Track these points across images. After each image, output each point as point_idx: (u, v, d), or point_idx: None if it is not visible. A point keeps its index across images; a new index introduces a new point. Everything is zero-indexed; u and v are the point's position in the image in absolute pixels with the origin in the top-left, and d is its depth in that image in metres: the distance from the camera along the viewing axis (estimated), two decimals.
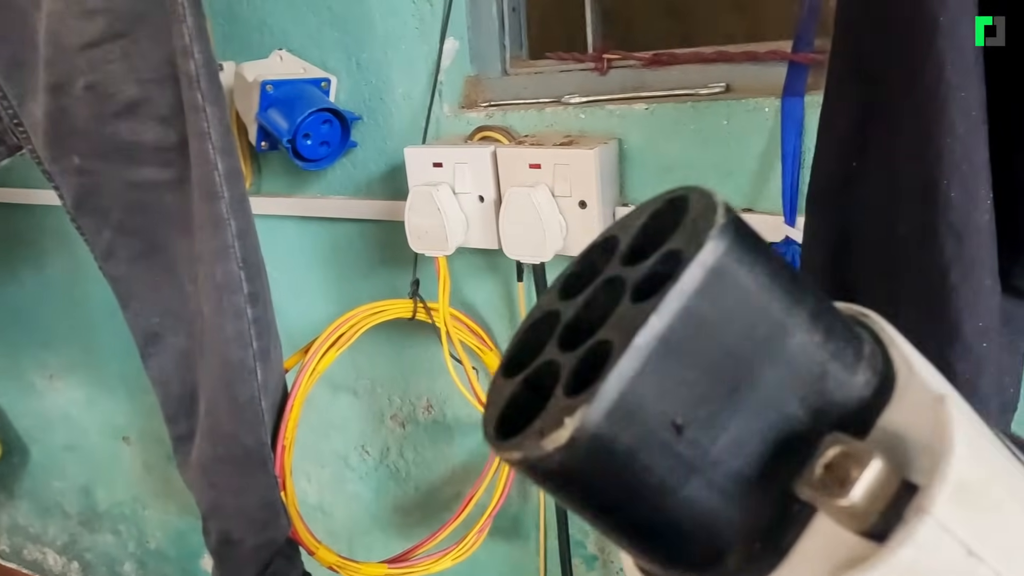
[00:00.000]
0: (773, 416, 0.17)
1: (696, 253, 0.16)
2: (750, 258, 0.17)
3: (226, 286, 0.86)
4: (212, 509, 0.97)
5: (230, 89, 1.09)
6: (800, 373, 0.17)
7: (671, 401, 0.16)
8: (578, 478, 0.17)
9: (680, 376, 0.16)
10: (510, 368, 0.20)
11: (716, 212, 0.17)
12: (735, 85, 0.88)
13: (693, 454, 0.16)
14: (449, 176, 0.96)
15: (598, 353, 0.17)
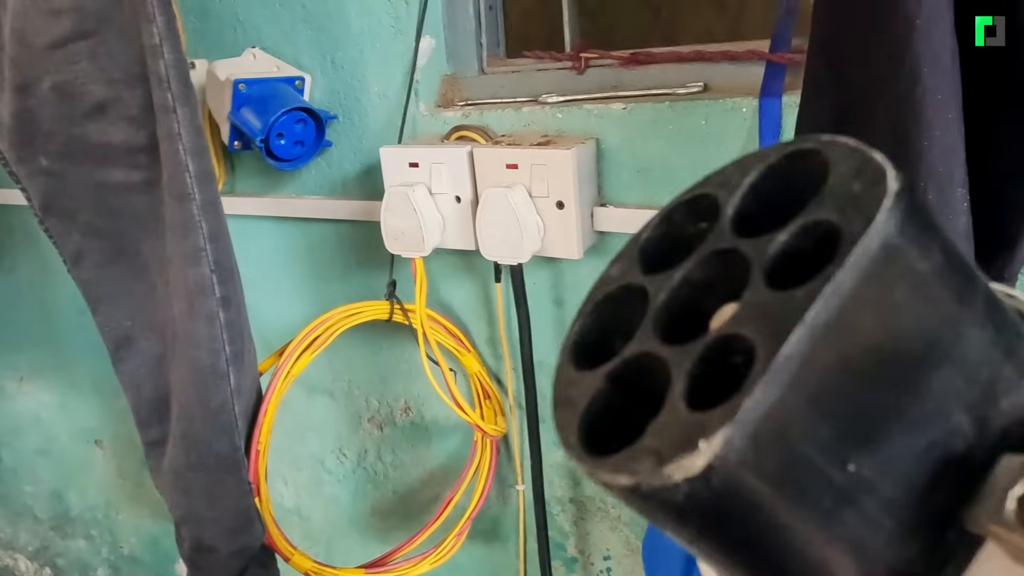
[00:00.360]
0: (937, 431, 0.14)
1: (864, 229, 0.13)
2: (926, 236, 0.14)
3: (197, 290, 0.85)
4: (185, 516, 0.95)
5: (202, 87, 1.07)
6: (972, 377, 0.14)
7: (826, 418, 0.13)
8: (707, 512, 0.14)
9: (838, 386, 0.13)
10: (583, 355, 0.17)
11: (885, 176, 0.14)
12: (713, 85, 0.88)
13: (846, 481, 0.14)
14: (425, 176, 0.94)
15: (729, 352, 0.14)
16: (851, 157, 0.14)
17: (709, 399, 0.14)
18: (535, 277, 1.01)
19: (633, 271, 0.17)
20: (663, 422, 0.14)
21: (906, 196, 0.14)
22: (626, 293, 0.17)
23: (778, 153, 0.16)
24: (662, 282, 0.16)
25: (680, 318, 0.16)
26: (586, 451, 0.15)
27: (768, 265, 0.15)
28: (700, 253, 0.16)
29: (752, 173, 0.16)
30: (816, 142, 0.15)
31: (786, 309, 0.13)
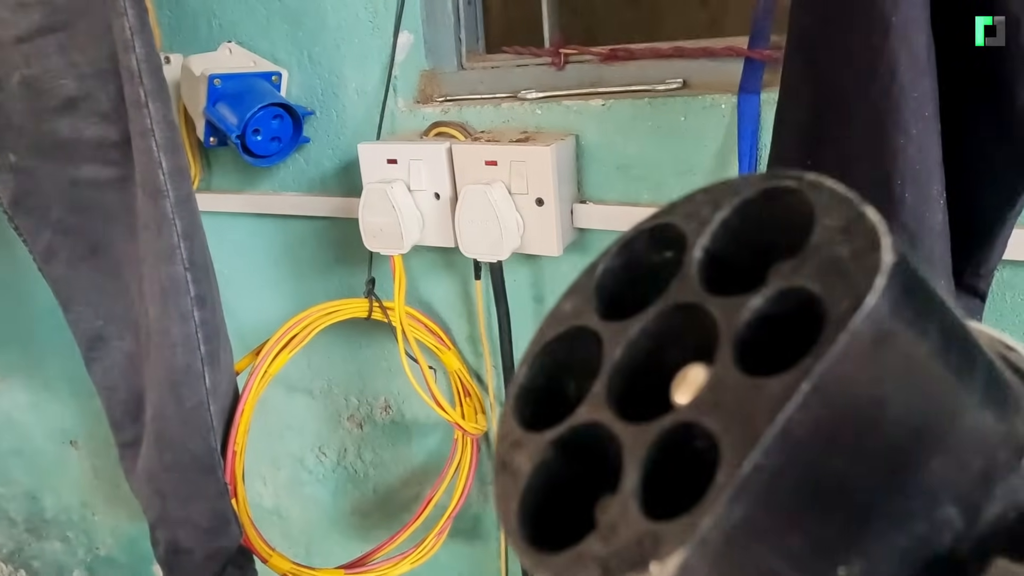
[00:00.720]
0: (924, 527, 0.13)
1: (852, 312, 0.11)
2: (923, 314, 0.12)
3: (172, 289, 0.83)
4: (160, 518, 0.94)
5: (176, 83, 1.06)
6: (966, 466, 0.13)
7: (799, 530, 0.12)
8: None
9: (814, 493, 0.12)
10: (530, 406, 0.15)
11: (879, 244, 0.12)
12: (692, 81, 0.87)
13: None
14: (404, 173, 0.94)
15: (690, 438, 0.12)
16: (839, 209, 0.13)
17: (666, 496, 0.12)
18: (515, 274, 1.00)
19: (588, 311, 0.15)
20: (612, 523, 0.12)
21: (903, 269, 0.12)
22: (580, 335, 0.15)
23: (754, 188, 0.14)
24: (618, 332, 0.14)
25: (638, 377, 0.14)
26: (527, 540, 0.14)
27: (738, 336, 0.13)
28: (662, 304, 0.14)
29: (724, 208, 0.14)
30: (798, 182, 0.14)
31: (756, 404, 0.12)
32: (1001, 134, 0.56)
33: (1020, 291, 0.74)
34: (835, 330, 0.11)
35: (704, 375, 0.13)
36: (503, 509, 0.14)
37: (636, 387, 0.14)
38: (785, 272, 0.13)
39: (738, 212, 0.14)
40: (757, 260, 0.14)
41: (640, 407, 0.14)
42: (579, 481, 0.14)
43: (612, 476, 0.13)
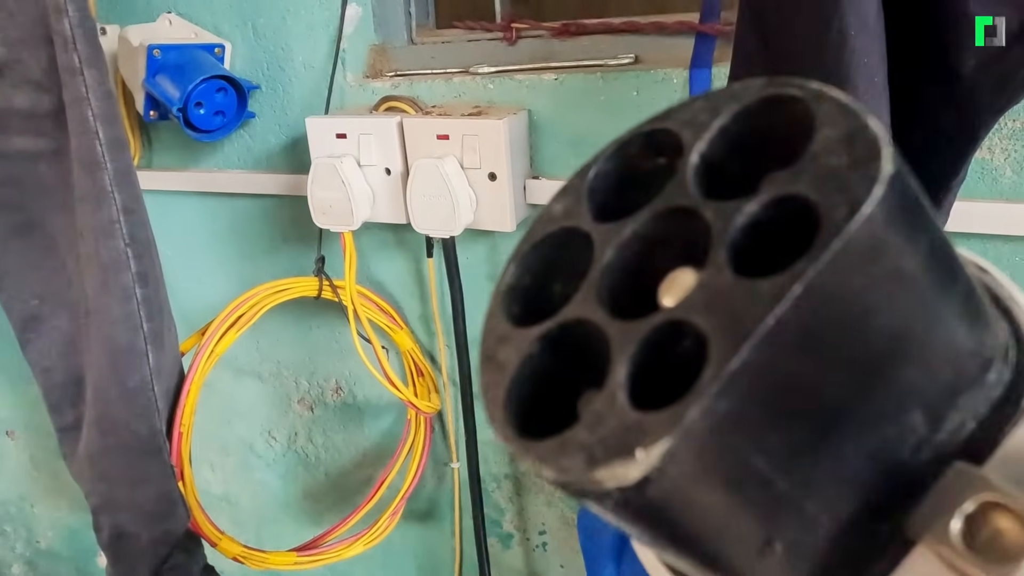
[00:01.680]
0: (892, 430, 0.13)
1: (848, 219, 0.11)
2: (916, 227, 0.12)
3: (111, 265, 0.80)
4: (103, 502, 0.91)
5: (113, 54, 1.02)
6: (936, 374, 0.13)
7: (779, 425, 0.12)
8: (640, 512, 0.13)
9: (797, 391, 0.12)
10: (517, 303, 0.15)
11: (880, 154, 0.12)
12: (644, 56, 0.87)
13: (791, 487, 0.13)
14: (354, 148, 0.92)
15: (679, 336, 0.12)
16: (841, 118, 0.13)
17: (652, 390, 0.12)
18: (468, 251, 0.99)
19: (579, 212, 0.15)
20: (599, 411, 0.13)
21: (900, 180, 0.12)
22: (570, 237, 0.15)
23: (755, 94, 0.14)
24: (610, 234, 0.14)
25: (628, 278, 0.14)
26: (512, 428, 0.14)
27: (732, 240, 0.13)
28: (656, 206, 0.14)
29: (723, 114, 0.14)
30: (801, 89, 0.14)
31: (747, 303, 0.12)
32: (946, 103, 0.57)
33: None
34: (830, 235, 0.12)
35: (694, 278, 0.13)
36: (489, 399, 0.14)
37: (625, 288, 0.14)
38: (782, 180, 0.13)
39: (737, 119, 0.14)
40: (754, 169, 0.14)
41: (628, 307, 0.14)
42: (565, 375, 0.14)
43: (598, 372, 0.13)
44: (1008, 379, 0.14)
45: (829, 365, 0.12)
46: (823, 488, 0.13)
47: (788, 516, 0.13)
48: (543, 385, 0.14)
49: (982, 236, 0.74)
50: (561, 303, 0.15)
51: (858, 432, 0.13)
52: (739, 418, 0.12)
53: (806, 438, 0.13)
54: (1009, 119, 0.70)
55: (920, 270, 0.13)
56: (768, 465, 0.13)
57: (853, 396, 0.13)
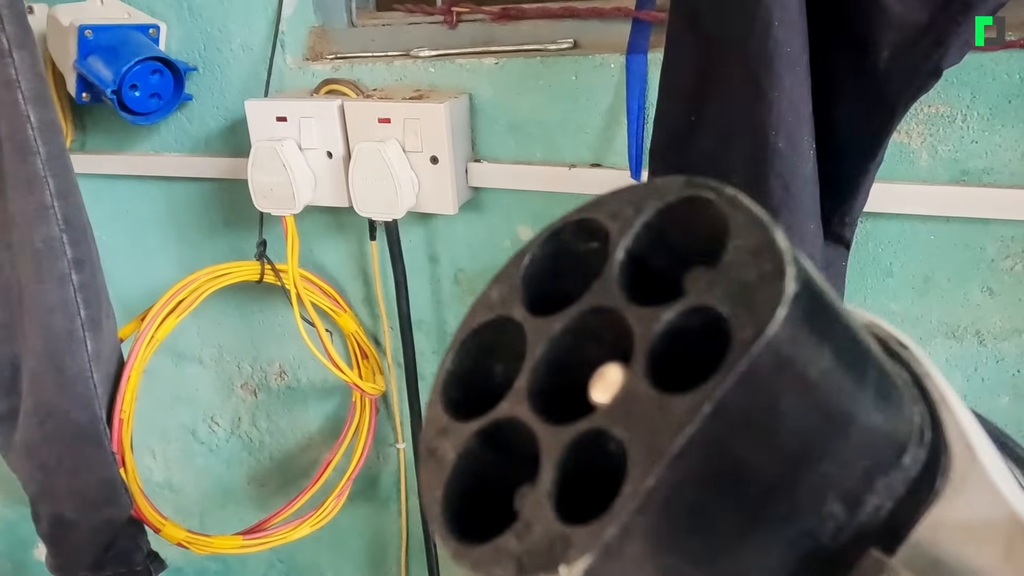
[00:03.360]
0: (811, 521, 0.14)
1: (754, 338, 0.12)
2: (820, 338, 0.13)
3: (46, 251, 0.79)
4: (42, 491, 0.89)
5: (42, 34, 0.99)
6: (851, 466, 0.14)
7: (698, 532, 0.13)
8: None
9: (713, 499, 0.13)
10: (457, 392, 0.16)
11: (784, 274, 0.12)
12: (582, 41, 0.89)
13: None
14: (294, 131, 0.91)
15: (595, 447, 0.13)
16: (751, 230, 0.13)
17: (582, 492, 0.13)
18: (410, 234, 1.00)
19: (514, 301, 0.16)
20: (528, 519, 0.13)
21: (805, 295, 0.12)
22: (505, 325, 0.16)
23: (675, 193, 0.15)
24: (542, 328, 0.15)
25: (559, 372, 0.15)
26: (450, 530, 0.14)
27: (650, 348, 0.13)
28: (584, 304, 0.15)
29: (646, 211, 0.15)
30: (717, 195, 0.14)
31: (663, 420, 0.12)
32: (863, 91, 0.61)
33: (881, 241, 0.81)
34: (736, 356, 0.12)
35: (620, 377, 0.14)
36: (428, 498, 0.15)
37: (557, 382, 0.15)
38: (700, 286, 0.14)
39: (659, 215, 0.15)
40: (678, 262, 0.14)
41: (561, 401, 0.14)
42: (502, 468, 0.14)
43: (532, 467, 0.14)
44: (924, 458, 0.15)
45: (744, 471, 0.13)
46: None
47: None
48: (482, 477, 0.15)
49: (900, 216, 0.78)
50: (503, 385, 0.15)
51: (778, 526, 0.14)
52: (658, 530, 0.13)
53: (727, 538, 0.14)
54: (925, 105, 0.74)
55: (828, 373, 0.13)
56: (691, 564, 0.13)
57: (770, 496, 0.14)
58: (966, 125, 0.73)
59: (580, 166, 0.88)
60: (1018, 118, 0.71)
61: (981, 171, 0.74)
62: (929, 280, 0.80)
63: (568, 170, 0.88)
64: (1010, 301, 0.78)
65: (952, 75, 0.71)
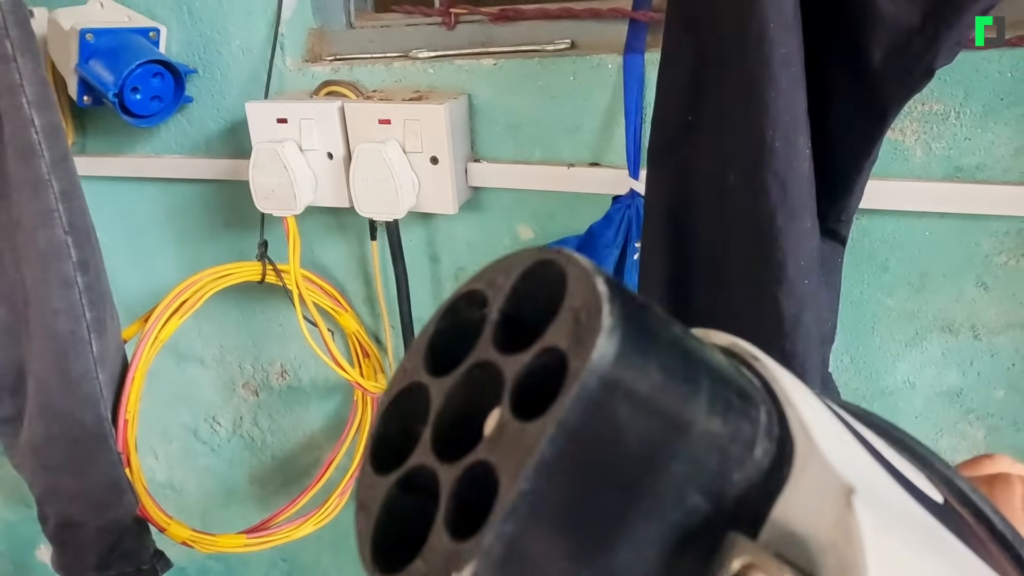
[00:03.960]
0: (676, 515, 0.16)
1: (583, 366, 0.14)
2: (643, 358, 0.15)
3: (51, 253, 0.80)
4: (48, 492, 0.90)
5: (44, 39, 1.00)
6: (702, 464, 0.16)
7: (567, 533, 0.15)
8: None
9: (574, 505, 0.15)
10: (383, 452, 0.18)
11: (601, 309, 0.15)
12: (580, 42, 0.90)
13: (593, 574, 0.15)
14: (295, 132, 0.92)
15: (479, 476, 0.15)
16: (582, 279, 0.16)
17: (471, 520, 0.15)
18: (411, 234, 1.01)
19: (420, 368, 0.19)
20: (433, 544, 0.16)
21: (623, 328, 0.15)
22: (414, 390, 0.18)
23: (530, 259, 0.17)
24: (440, 385, 0.18)
25: (458, 420, 0.17)
26: (376, 564, 0.17)
27: (513, 386, 0.16)
28: (470, 360, 0.18)
29: (512, 277, 0.18)
30: (557, 254, 0.17)
31: (522, 443, 0.15)
32: (858, 92, 0.62)
33: (877, 237, 0.82)
34: (570, 382, 0.15)
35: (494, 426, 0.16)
36: (361, 545, 0.17)
37: (460, 430, 0.17)
38: (551, 331, 0.16)
39: (522, 278, 0.18)
40: (544, 314, 0.17)
41: (460, 446, 0.17)
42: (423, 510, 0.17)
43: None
44: (773, 450, 0.17)
45: (598, 478, 0.15)
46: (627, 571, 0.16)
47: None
48: (407, 520, 0.17)
49: (895, 213, 0.80)
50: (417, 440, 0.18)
51: (647, 522, 0.16)
52: (530, 535, 0.15)
53: (600, 537, 0.16)
54: (920, 103, 0.75)
55: (657, 389, 0.16)
56: (570, 562, 0.15)
57: (630, 497, 0.16)
58: (960, 122, 0.75)
59: (579, 165, 0.89)
60: (1011, 115, 0.72)
61: (975, 168, 0.75)
62: (925, 276, 0.81)
63: (567, 169, 0.89)
64: (1005, 296, 0.79)
65: (945, 73, 0.73)
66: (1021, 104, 0.72)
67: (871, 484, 0.17)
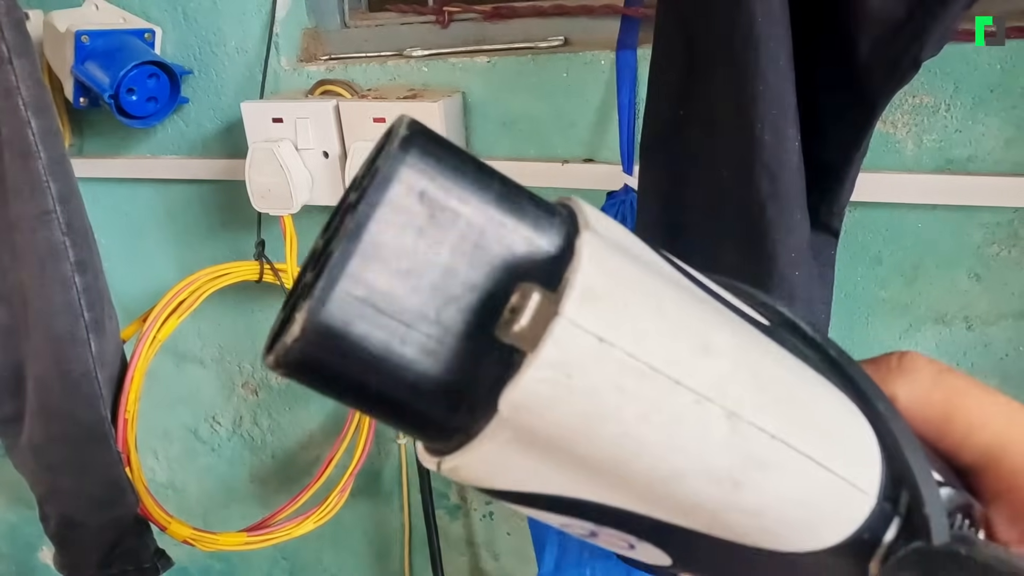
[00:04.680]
0: (478, 277, 0.19)
1: (385, 164, 0.18)
2: (433, 159, 0.18)
3: (49, 254, 0.80)
4: (49, 492, 0.91)
5: (39, 41, 1.00)
6: (495, 245, 0.19)
7: (386, 285, 0.18)
8: (318, 365, 0.18)
9: (390, 267, 0.18)
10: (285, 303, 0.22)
11: (401, 125, 0.18)
12: (573, 38, 0.90)
13: (402, 323, 0.18)
14: (291, 132, 0.93)
15: (325, 262, 0.18)
16: (397, 122, 0.19)
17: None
18: None
19: (318, 239, 0.21)
20: (306, 282, 0.18)
21: (411, 137, 0.18)
22: (311, 253, 0.21)
23: (384, 133, 0.20)
24: (322, 238, 0.21)
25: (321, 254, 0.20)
26: (265, 354, 0.19)
27: (351, 204, 0.19)
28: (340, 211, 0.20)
29: (372, 151, 0.20)
30: (396, 120, 0.20)
31: (346, 225, 0.18)
32: (846, 84, 0.62)
33: (870, 230, 0.82)
34: (375, 174, 0.18)
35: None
36: (264, 356, 0.19)
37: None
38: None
39: (376, 149, 0.20)
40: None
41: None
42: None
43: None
44: (561, 245, 0.19)
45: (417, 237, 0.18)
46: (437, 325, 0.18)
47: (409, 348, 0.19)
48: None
49: (888, 205, 0.80)
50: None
51: (451, 282, 0.19)
52: (350, 287, 0.18)
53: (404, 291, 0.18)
54: (910, 96, 0.76)
55: (451, 184, 0.19)
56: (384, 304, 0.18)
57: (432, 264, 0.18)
58: (950, 115, 0.75)
59: (573, 162, 0.89)
60: (1000, 107, 0.73)
61: (966, 159, 0.76)
62: (917, 267, 0.82)
63: (561, 166, 0.89)
64: (997, 286, 0.80)
65: (935, 66, 0.73)
66: (1011, 96, 0.72)
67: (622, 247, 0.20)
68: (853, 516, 0.21)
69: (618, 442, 0.18)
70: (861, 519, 0.21)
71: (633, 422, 0.18)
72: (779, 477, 0.19)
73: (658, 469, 0.19)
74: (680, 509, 0.20)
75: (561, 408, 0.18)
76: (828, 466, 0.20)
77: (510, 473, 0.20)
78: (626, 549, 0.22)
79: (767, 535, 0.20)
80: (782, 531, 0.20)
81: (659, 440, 0.18)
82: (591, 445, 0.18)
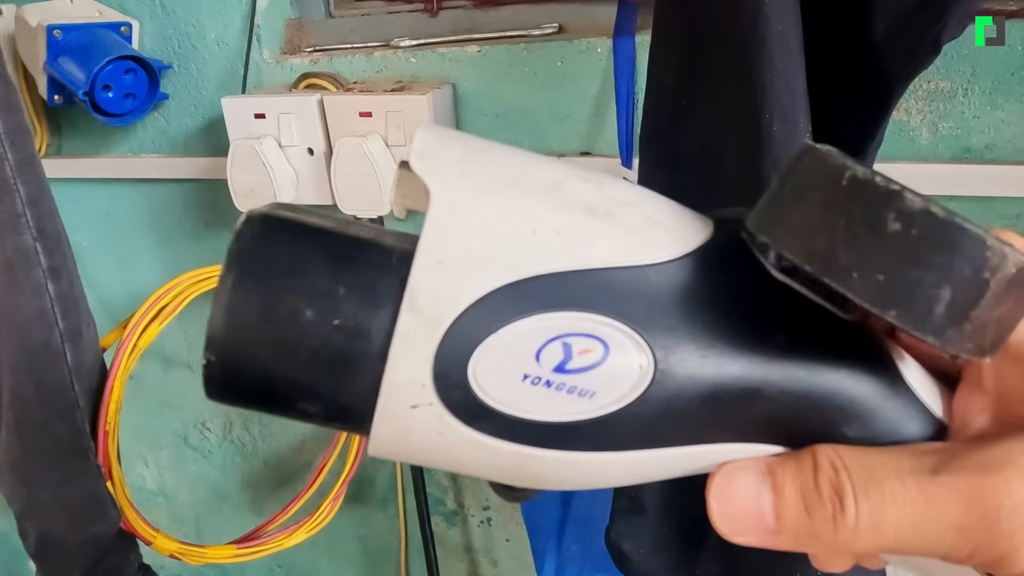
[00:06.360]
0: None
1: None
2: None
3: (20, 261, 0.76)
4: (27, 507, 0.87)
5: (10, 36, 0.96)
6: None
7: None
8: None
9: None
10: None
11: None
12: (568, 26, 0.86)
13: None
14: (273, 128, 0.89)
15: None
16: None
17: None
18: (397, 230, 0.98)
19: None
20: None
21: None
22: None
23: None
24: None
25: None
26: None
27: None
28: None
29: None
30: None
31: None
32: (859, 69, 0.58)
33: None
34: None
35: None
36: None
37: None
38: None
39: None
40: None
41: None
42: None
43: None
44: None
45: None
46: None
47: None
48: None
49: None
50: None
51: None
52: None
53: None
54: (925, 81, 0.72)
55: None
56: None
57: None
58: (967, 100, 0.71)
59: (569, 154, 0.85)
60: (1022, 91, 0.69)
61: (984, 148, 0.72)
62: None
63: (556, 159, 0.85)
64: None
65: (951, 48, 0.69)
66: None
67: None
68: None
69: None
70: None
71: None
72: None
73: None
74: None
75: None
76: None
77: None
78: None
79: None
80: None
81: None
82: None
